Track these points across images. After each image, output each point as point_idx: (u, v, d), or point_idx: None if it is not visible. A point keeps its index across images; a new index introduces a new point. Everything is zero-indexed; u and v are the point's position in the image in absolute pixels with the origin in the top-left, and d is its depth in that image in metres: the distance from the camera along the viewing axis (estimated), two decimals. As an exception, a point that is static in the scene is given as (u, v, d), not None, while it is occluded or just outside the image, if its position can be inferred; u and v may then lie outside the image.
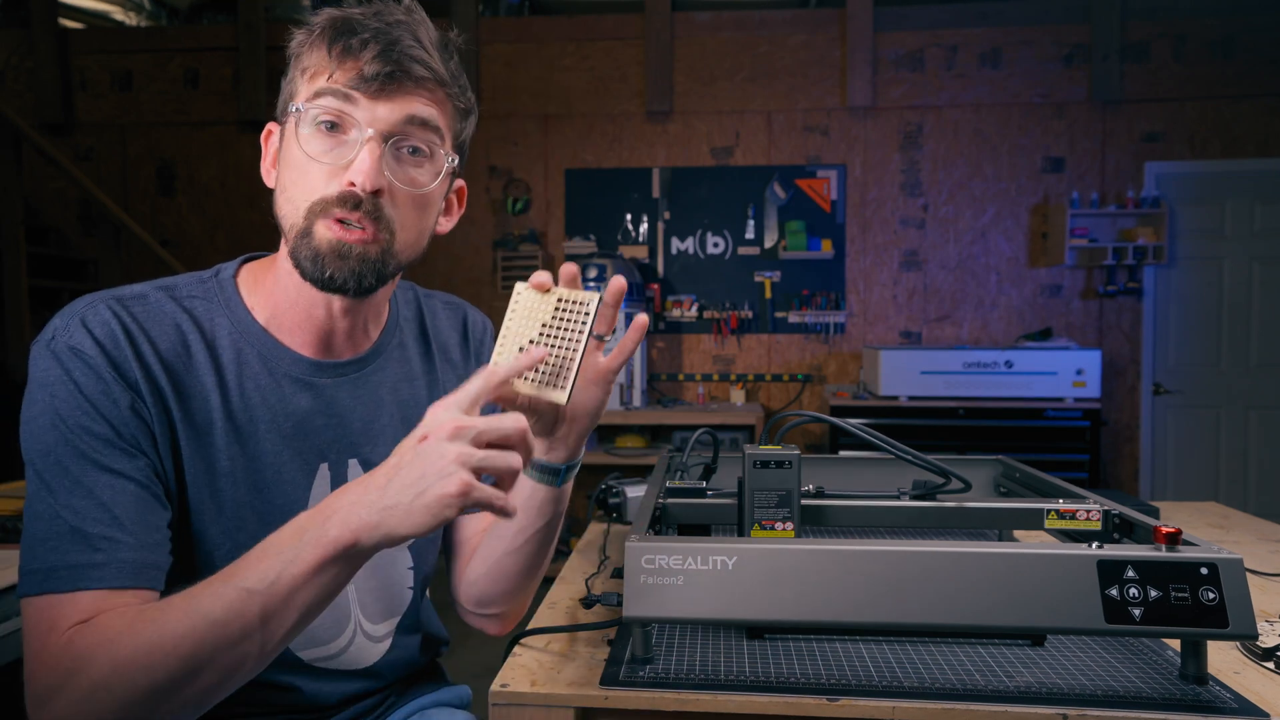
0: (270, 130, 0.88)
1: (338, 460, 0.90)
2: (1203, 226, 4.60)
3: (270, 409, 0.85)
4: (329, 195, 0.79)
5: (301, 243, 0.81)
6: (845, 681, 0.89)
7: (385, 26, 0.79)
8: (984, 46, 4.63)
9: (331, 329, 0.89)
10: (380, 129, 0.79)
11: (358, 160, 0.78)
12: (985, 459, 1.42)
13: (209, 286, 0.87)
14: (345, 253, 0.80)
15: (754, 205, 4.78)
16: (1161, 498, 4.67)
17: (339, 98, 0.78)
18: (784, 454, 1.02)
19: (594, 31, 4.83)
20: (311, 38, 0.81)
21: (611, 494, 1.50)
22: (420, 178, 0.83)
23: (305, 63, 0.81)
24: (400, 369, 0.96)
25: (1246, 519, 1.67)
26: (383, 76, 0.78)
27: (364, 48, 0.77)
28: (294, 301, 0.87)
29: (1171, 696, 0.85)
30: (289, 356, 0.87)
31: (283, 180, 0.83)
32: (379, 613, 0.95)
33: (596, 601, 1.10)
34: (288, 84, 0.83)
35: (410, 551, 0.97)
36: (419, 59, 0.79)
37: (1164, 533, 0.88)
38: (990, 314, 4.68)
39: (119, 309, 0.80)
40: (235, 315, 0.86)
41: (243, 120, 4.94)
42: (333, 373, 0.90)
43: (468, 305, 1.08)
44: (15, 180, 4.04)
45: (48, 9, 4.95)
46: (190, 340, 0.83)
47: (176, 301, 0.84)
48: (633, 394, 4.42)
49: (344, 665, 0.93)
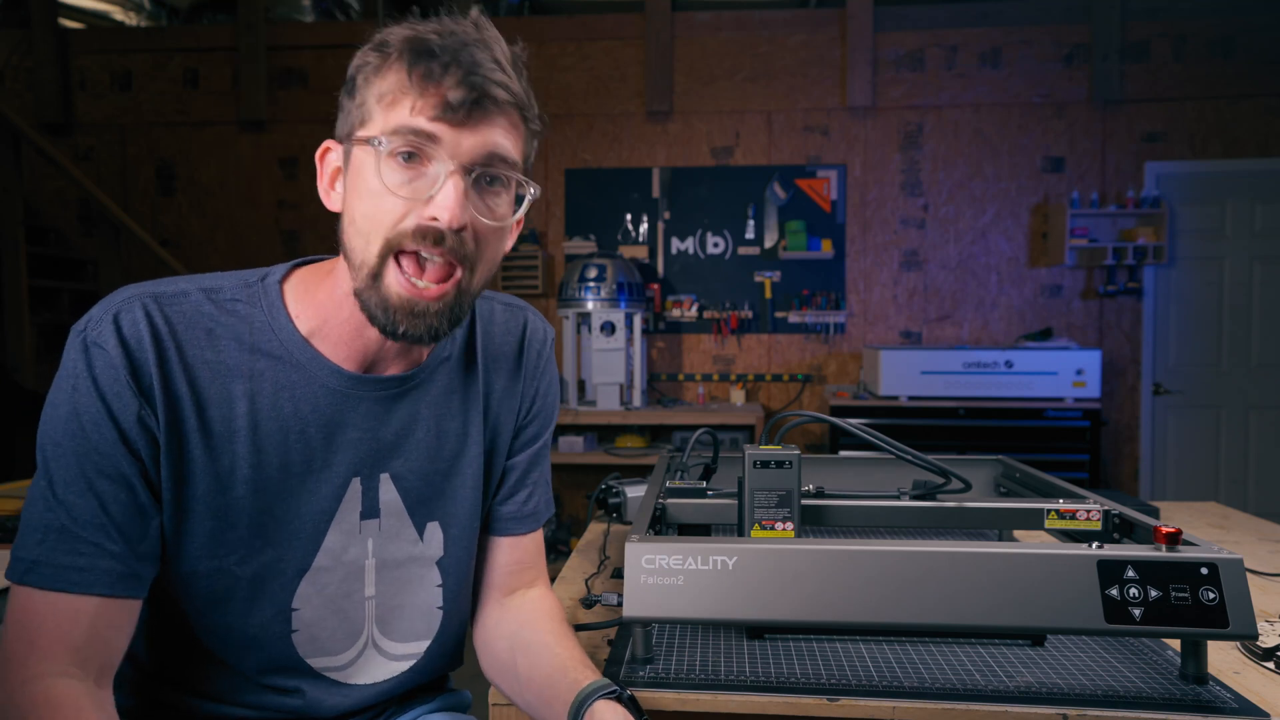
0: (328, 148, 0.84)
1: (370, 474, 0.88)
2: (1203, 226, 4.60)
3: (302, 419, 0.83)
4: (406, 229, 0.76)
5: (371, 288, 0.78)
6: (845, 681, 0.89)
7: (463, 47, 0.76)
8: (984, 46, 4.63)
9: (380, 354, 0.86)
10: (463, 161, 0.76)
11: (441, 195, 0.75)
12: (985, 459, 1.42)
13: (253, 291, 0.84)
14: (419, 311, 0.78)
15: (754, 205, 4.78)
16: (1161, 498, 4.67)
17: (421, 136, 0.75)
18: (784, 454, 1.02)
19: (594, 31, 4.83)
20: (387, 60, 0.77)
21: (611, 494, 1.50)
22: (499, 208, 0.81)
23: (381, 87, 0.77)
24: (443, 383, 0.92)
25: (1246, 519, 1.67)
26: (468, 104, 0.75)
27: (445, 72, 0.74)
28: (345, 320, 0.84)
29: (1171, 696, 0.85)
30: (328, 368, 0.84)
31: (352, 210, 0.79)
32: (401, 632, 0.93)
33: (596, 601, 1.10)
34: (356, 105, 0.79)
35: (438, 567, 0.94)
36: (500, 82, 0.77)
37: (1164, 533, 0.88)
38: (990, 314, 4.68)
39: (154, 309, 0.79)
40: (277, 323, 0.83)
41: (242, 120, 4.93)
42: (374, 388, 0.87)
43: (530, 311, 1.02)
44: (15, 180, 4.04)
45: (48, 9, 4.95)
46: (223, 346, 0.81)
47: (217, 305, 0.82)
48: (633, 394, 4.42)
49: (351, 679, 0.91)
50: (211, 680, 0.88)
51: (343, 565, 0.88)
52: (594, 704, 0.79)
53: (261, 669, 0.87)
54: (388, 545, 0.90)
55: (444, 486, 0.93)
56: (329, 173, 0.84)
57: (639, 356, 4.47)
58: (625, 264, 4.47)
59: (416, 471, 0.91)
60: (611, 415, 4.25)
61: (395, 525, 0.90)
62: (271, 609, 0.85)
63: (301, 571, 0.86)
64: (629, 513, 1.48)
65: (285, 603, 0.86)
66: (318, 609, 0.87)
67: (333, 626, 0.89)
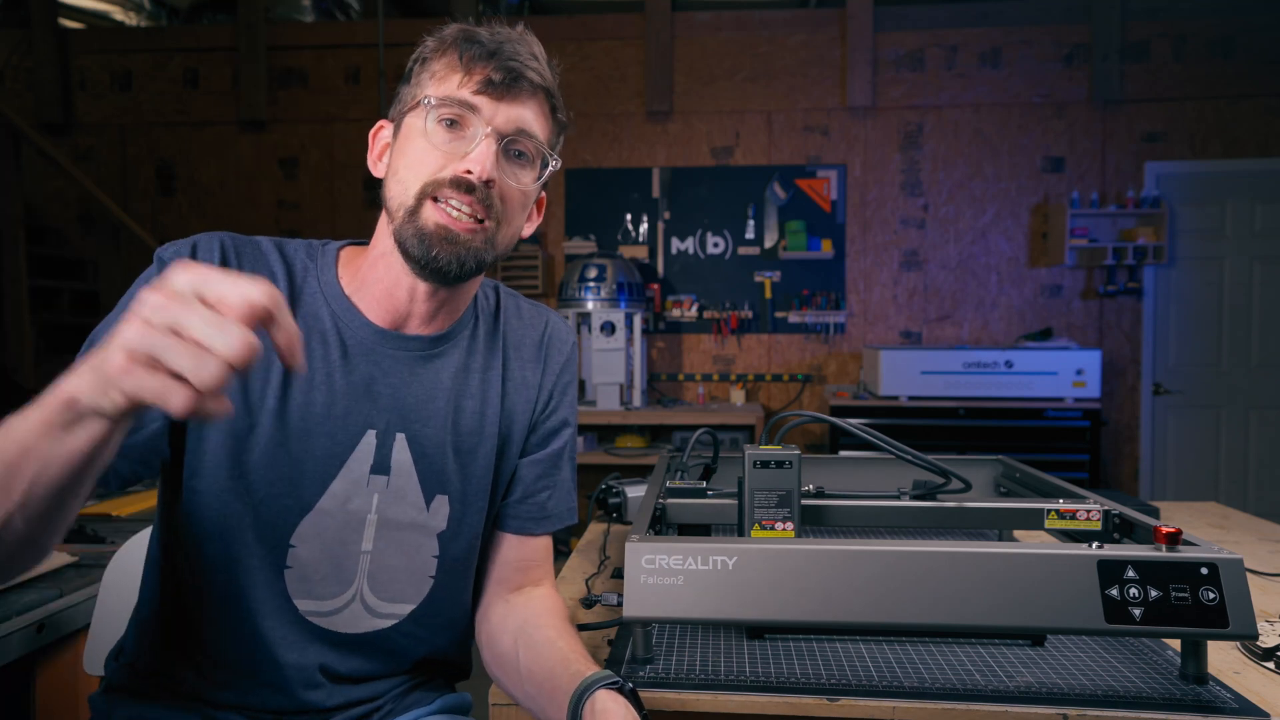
0: (381, 126, 0.96)
1: (386, 430, 0.93)
2: (1203, 226, 4.60)
3: (330, 365, 0.91)
4: (441, 177, 0.86)
5: (409, 222, 0.87)
6: (845, 681, 0.89)
7: (507, 41, 0.89)
8: (984, 46, 4.63)
9: (409, 312, 0.94)
10: (498, 128, 0.87)
11: (475, 151, 0.86)
12: (985, 459, 1.42)
13: (313, 249, 0.97)
14: (452, 238, 0.87)
15: (754, 205, 4.78)
16: (1161, 498, 4.67)
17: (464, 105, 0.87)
18: (784, 454, 1.02)
19: (594, 31, 4.83)
20: (444, 46, 0.90)
21: (611, 494, 1.50)
22: (524, 178, 0.91)
23: (434, 67, 0.90)
24: (464, 358, 0.99)
25: (1246, 519, 1.67)
26: (506, 81, 0.87)
27: (490, 58, 0.87)
28: (379, 279, 0.93)
29: (1171, 696, 0.85)
30: (360, 321, 0.93)
31: (395, 165, 0.90)
32: (390, 592, 0.95)
33: (596, 602, 1.10)
34: (410, 87, 0.91)
35: (438, 539, 0.97)
36: (534, 69, 0.89)
37: (1164, 533, 0.88)
38: (990, 314, 4.68)
39: (229, 243, 0.91)
40: (325, 278, 0.94)
41: (242, 120, 4.93)
42: (399, 345, 0.94)
43: (554, 315, 1.09)
44: (15, 180, 4.04)
45: (48, 9, 4.95)
46: (279, 284, 0.91)
47: (281, 253, 0.94)
48: (633, 394, 4.42)
49: (336, 626, 0.93)
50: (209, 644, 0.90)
51: (345, 513, 0.91)
52: (595, 692, 0.80)
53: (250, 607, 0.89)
54: (392, 505, 0.93)
55: (458, 462, 0.96)
56: (379, 147, 0.96)
57: (639, 356, 4.47)
58: (625, 264, 4.47)
59: (433, 440, 0.95)
60: (611, 415, 4.25)
61: (403, 487, 0.94)
62: (271, 540, 0.89)
63: (304, 510, 0.90)
64: (629, 513, 1.48)
65: (284, 537, 0.89)
66: (313, 550, 0.90)
67: (325, 572, 0.91)
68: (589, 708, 0.79)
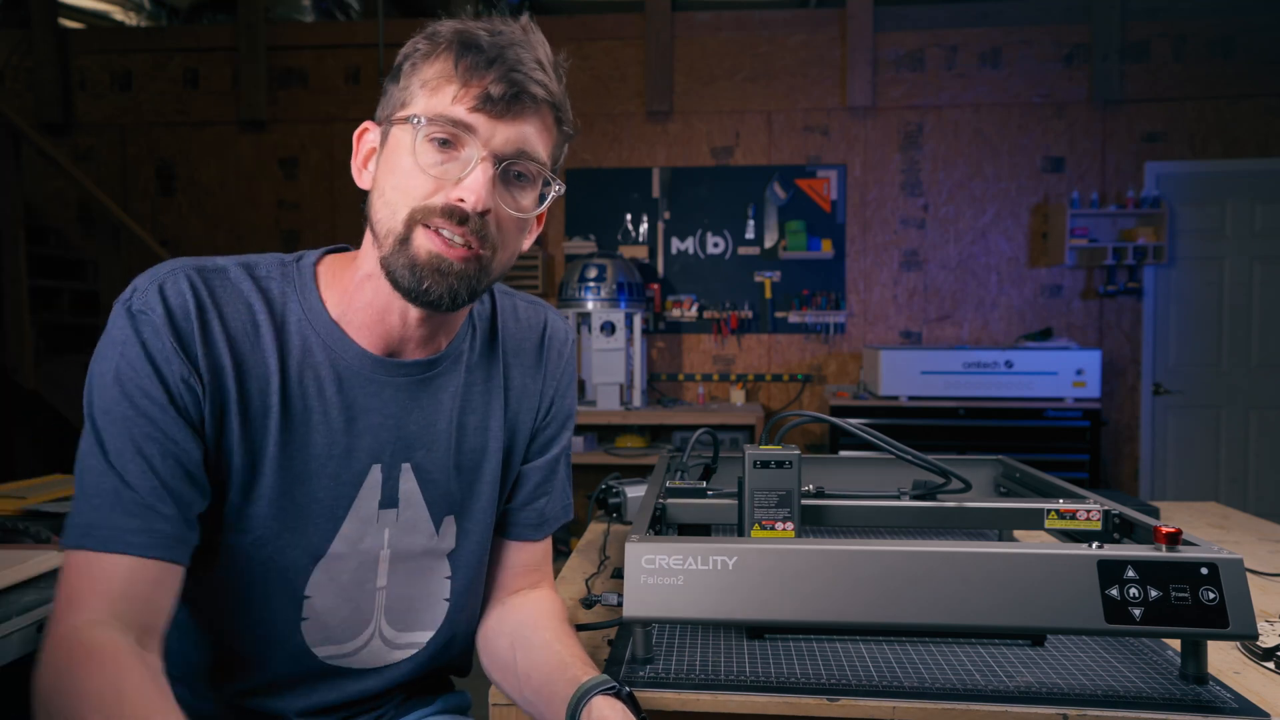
0: (366, 128, 0.87)
1: (391, 462, 0.88)
2: (1203, 226, 4.60)
3: (325, 401, 0.84)
4: (433, 205, 0.79)
5: (398, 251, 0.80)
6: (845, 681, 0.89)
7: (509, 45, 0.79)
8: (984, 46, 4.63)
9: (403, 336, 0.87)
10: (495, 150, 0.79)
11: (470, 179, 0.78)
12: (985, 459, 1.42)
13: (288, 270, 0.87)
14: (445, 269, 0.79)
15: (754, 205, 4.78)
16: (1161, 498, 4.67)
17: (458, 125, 0.78)
18: (784, 454, 1.02)
19: (594, 31, 4.83)
20: (436, 49, 0.80)
21: (611, 494, 1.50)
22: (524, 202, 0.84)
23: (426, 73, 0.80)
24: (465, 376, 0.93)
25: (1246, 519, 1.67)
26: (507, 99, 0.78)
27: (489, 67, 0.78)
28: (368, 303, 0.85)
29: (1171, 696, 0.85)
30: (354, 351, 0.86)
31: (382, 184, 0.82)
32: (407, 622, 0.93)
33: (596, 602, 1.10)
34: (400, 89, 0.82)
35: (449, 560, 0.94)
36: (540, 81, 0.80)
37: (1164, 533, 0.88)
38: (990, 314, 4.68)
39: (198, 281, 0.80)
40: (308, 303, 0.85)
41: (242, 120, 4.93)
42: (396, 373, 0.88)
43: (551, 310, 1.04)
44: (15, 180, 4.04)
45: (48, 9, 4.95)
46: (260, 320, 0.83)
47: (254, 280, 0.84)
48: (633, 394, 4.42)
49: (357, 664, 0.92)
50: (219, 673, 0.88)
51: (358, 554, 0.88)
52: (592, 699, 0.79)
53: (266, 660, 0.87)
54: (404, 537, 0.90)
55: (464, 482, 0.94)
56: (364, 152, 0.87)
57: (639, 356, 4.47)
58: (625, 264, 4.47)
59: (439, 464, 0.91)
60: (611, 415, 4.25)
61: (413, 517, 0.91)
62: (284, 595, 0.86)
63: (316, 558, 0.86)
64: (629, 513, 1.48)
65: (299, 590, 0.86)
66: (329, 598, 0.87)
67: (343, 616, 0.89)
68: (586, 716, 0.78)
